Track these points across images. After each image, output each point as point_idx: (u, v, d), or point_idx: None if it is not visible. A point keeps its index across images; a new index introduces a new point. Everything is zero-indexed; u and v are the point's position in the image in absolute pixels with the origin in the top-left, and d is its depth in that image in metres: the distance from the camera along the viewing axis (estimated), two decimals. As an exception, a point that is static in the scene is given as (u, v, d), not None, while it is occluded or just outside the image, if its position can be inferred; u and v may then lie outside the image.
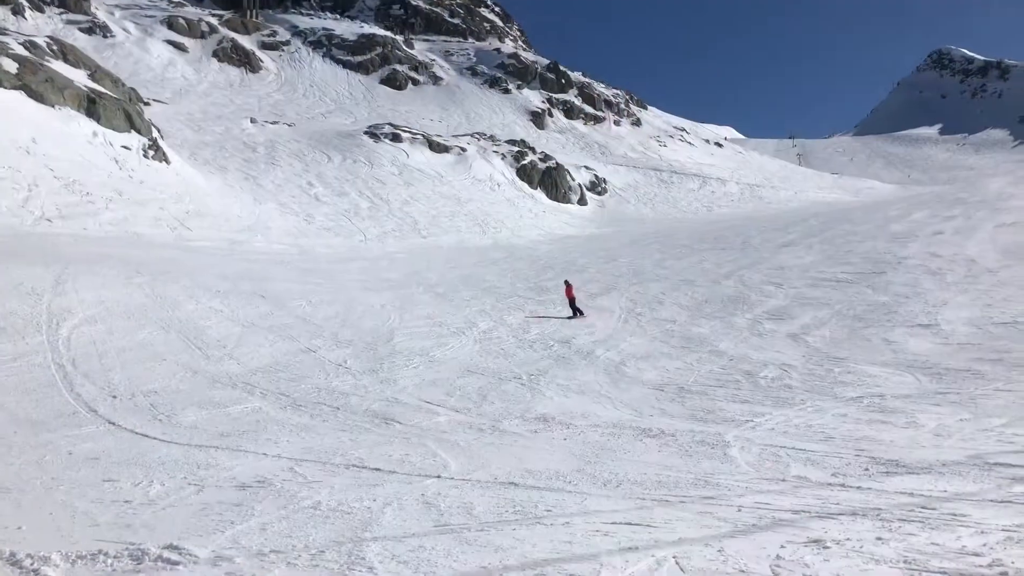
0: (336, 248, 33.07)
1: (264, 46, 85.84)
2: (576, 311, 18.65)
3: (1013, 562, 3.93)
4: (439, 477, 7.01)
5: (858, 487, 6.44)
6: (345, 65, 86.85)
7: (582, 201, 58.06)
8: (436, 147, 57.60)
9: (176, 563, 4.39)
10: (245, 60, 79.85)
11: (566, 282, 19.29)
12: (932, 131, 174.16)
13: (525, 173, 57.77)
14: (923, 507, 5.54)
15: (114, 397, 11.03)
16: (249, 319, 16.62)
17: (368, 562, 4.33)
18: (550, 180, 58.00)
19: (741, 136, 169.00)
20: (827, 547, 4.42)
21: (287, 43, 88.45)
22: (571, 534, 4.93)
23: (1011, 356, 12.48)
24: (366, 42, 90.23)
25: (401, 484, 6.67)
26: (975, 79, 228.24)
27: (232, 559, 4.45)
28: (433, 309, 19.26)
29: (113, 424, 9.65)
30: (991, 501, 5.75)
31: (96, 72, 42.89)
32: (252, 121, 57.81)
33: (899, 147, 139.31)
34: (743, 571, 3.96)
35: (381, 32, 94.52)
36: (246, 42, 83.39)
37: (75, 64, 42.37)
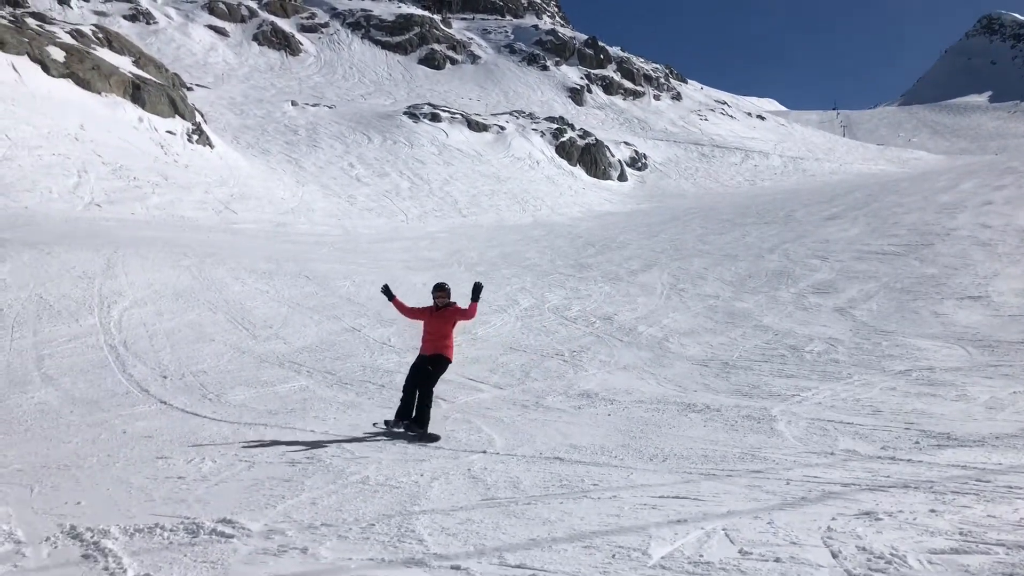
0: (378, 228, 33.27)
1: (303, 28, 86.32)
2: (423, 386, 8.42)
3: (1072, 534, 3.85)
4: (484, 452, 7.06)
5: (909, 460, 6.34)
6: (383, 46, 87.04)
7: (622, 177, 57.64)
8: (475, 126, 57.53)
9: (230, 536, 4.48)
10: (285, 43, 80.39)
11: (438, 290, 8.75)
12: (982, 99, 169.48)
13: (564, 150, 57.47)
14: (977, 480, 5.44)
15: (164, 377, 11.26)
16: (294, 299, 16.83)
17: (418, 534, 4.37)
18: (589, 157, 57.64)
19: (783, 108, 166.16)
20: (879, 519, 4.36)
21: (326, 25, 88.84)
22: (619, 507, 4.93)
23: (1067, 327, 12.18)
24: (404, 22, 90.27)
25: (447, 459, 6.73)
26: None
27: (284, 532, 4.53)
28: (475, 287, 19.29)
29: (165, 403, 9.86)
30: (1048, 473, 5.63)
31: (140, 59, 43.51)
32: (293, 104, 58.24)
33: (947, 116, 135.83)
34: (794, 542, 3.93)
35: (419, 12, 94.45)
36: (285, 25, 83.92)
37: (120, 51, 43.02)
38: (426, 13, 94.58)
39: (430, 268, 22.30)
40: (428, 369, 8.46)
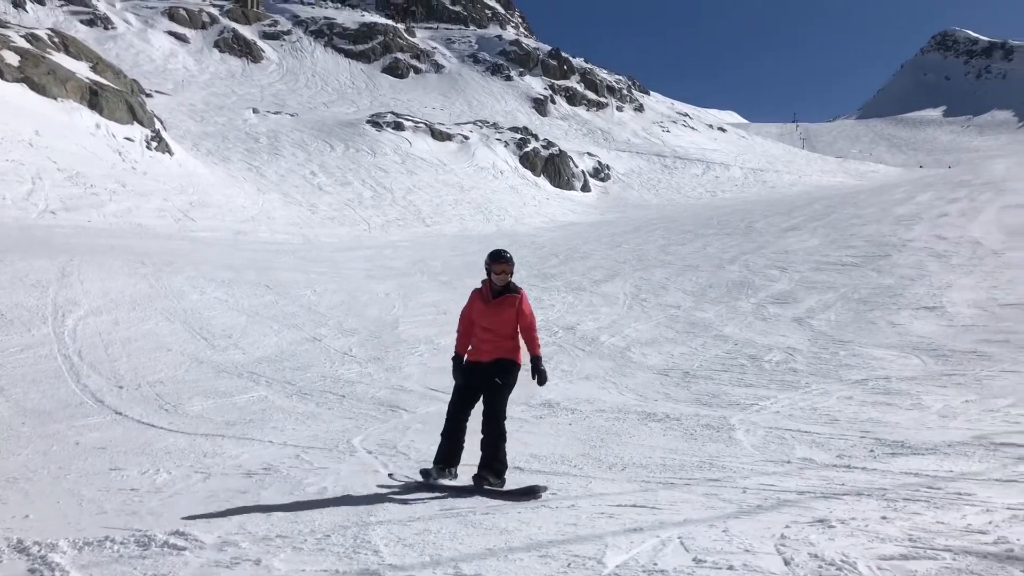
0: (340, 237, 33.08)
1: (265, 36, 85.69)
2: None
3: (1018, 539, 3.93)
4: (444, 462, 7.02)
5: (863, 468, 6.44)
6: (347, 54, 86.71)
7: (585, 188, 57.97)
8: (439, 135, 57.51)
9: (182, 548, 4.41)
10: (247, 50, 79.75)
11: (498, 259, 6.39)
12: (936, 113, 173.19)
13: (528, 160, 57.66)
14: (928, 487, 5.54)
15: (120, 387, 11.06)
16: (254, 308, 16.65)
17: (374, 545, 4.34)
18: (553, 167, 57.90)
19: (744, 120, 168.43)
20: (832, 526, 4.42)
21: (288, 32, 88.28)
22: (576, 516, 4.95)
23: (1016, 337, 12.46)
24: (367, 31, 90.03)
25: (408, 470, 6.69)
26: (979, 60, 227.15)
27: (238, 544, 4.47)
28: (437, 297, 19.27)
29: (119, 414, 9.68)
30: (996, 480, 5.75)
31: (98, 64, 42.86)
32: (254, 111, 57.77)
33: (903, 130, 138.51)
34: (748, 550, 3.97)
35: (382, 20, 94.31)
36: (247, 32, 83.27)
37: (77, 56, 42.33)
38: (390, 22, 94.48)
39: (393, 277, 22.21)
40: (495, 383, 6.25)
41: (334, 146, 51.14)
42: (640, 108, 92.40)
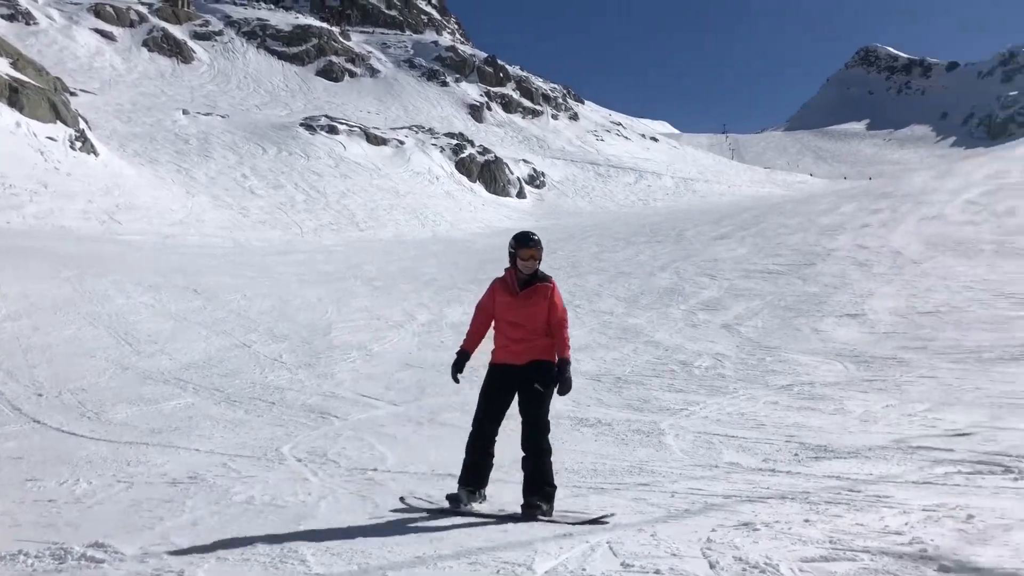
0: (272, 241, 32.58)
1: (196, 36, 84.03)
2: None
3: (932, 539, 4.07)
4: (376, 470, 6.98)
5: (787, 472, 6.60)
6: (280, 56, 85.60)
7: (521, 194, 58.24)
8: (374, 139, 57.15)
9: (100, 561, 4.27)
10: (177, 50, 78.08)
11: (526, 243, 5.84)
12: (860, 126, 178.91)
13: (464, 166, 57.70)
14: (849, 490, 5.70)
15: (39, 395, 10.69)
16: (181, 314, 16.28)
17: (300, 555, 4.28)
18: (489, 173, 58.04)
19: (676, 131, 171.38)
20: (756, 529, 4.52)
21: (220, 33, 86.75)
22: (507, 523, 4.96)
23: (934, 344, 12.91)
24: (301, 33, 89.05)
25: (336, 478, 6.62)
26: (900, 76, 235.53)
27: (160, 555, 4.36)
28: (371, 302, 19.11)
29: (38, 422, 9.35)
30: (913, 483, 5.95)
31: (19, 60, 41.45)
32: (184, 112, 56.59)
33: (828, 142, 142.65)
34: (675, 554, 4.03)
35: (317, 23, 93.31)
36: (178, 32, 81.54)
37: (-5, 51, 40.87)
38: (324, 25, 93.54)
39: (325, 282, 21.96)
40: (535, 390, 5.48)
41: (266, 149, 50.38)
42: (575, 117, 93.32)
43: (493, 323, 5.68)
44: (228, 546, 4.50)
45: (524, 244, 5.53)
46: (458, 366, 5.69)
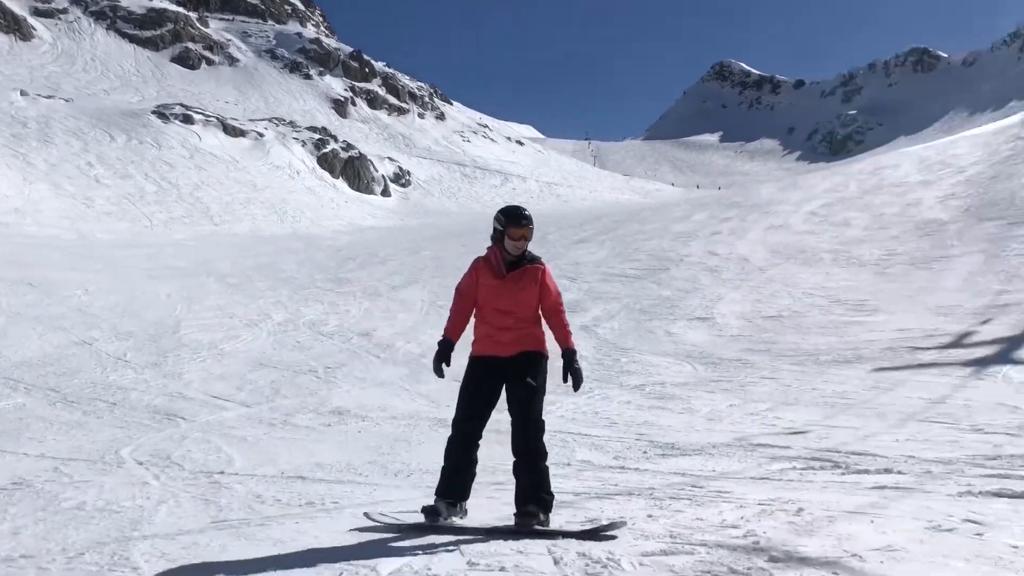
0: (119, 234, 30.92)
1: (37, 12, 78.65)
2: None
3: (764, 532, 4.28)
4: (222, 473, 6.73)
5: (636, 468, 6.80)
6: (132, 40, 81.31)
7: (385, 192, 57.65)
8: (231, 131, 55.21)
9: (-94, 577, 3.93)
10: (15, 26, 72.83)
11: (517, 222, 5.02)
12: (713, 138, 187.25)
13: (326, 162, 56.58)
14: (692, 486, 5.93)
15: None
16: (14, 308, 15.22)
17: (133, 562, 4.06)
18: (353, 170, 57.15)
19: (541, 135, 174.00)
20: (602, 525, 4.63)
21: (64, 11, 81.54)
22: (355, 524, 4.88)
23: (776, 347, 13.64)
24: (156, 16, 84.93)
25: (178, 482, 6.34)
26: (752, 92, 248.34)
27: (-24, 569, 4.04)
28: (224, 300, 18.44)
29: None
30: (751, 478, 6.25)
31: None
32: (22, 94, 52.86)
33: (684, 152, 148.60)
34: (521, 552, 4.08)
35: (173, 7, 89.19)
36: (15, 6, 76.03)
37: None
38: (181, 9, 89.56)
39: (175, 277, 21.03)
40: (527, 384, 4.99)
41: (115, 136, 47.77)
42: (442, 116, 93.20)
43: (475, 302, 5.06)
44: (52, 555, 4.22)
45: (514, 222, 4.84)
46: (443, 356, 5.05)
